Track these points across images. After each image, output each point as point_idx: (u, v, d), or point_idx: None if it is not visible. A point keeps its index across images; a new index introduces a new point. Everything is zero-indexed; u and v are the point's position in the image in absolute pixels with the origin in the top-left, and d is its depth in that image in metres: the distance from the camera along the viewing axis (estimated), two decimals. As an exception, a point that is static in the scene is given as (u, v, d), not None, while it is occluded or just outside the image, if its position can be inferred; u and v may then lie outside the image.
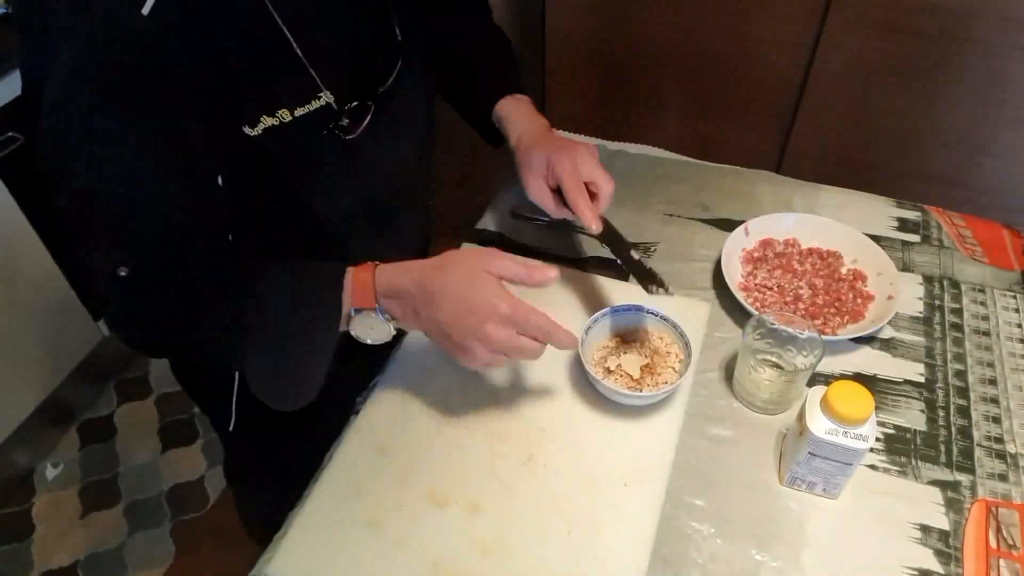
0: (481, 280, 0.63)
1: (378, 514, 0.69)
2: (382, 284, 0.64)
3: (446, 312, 0.62)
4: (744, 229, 0.94)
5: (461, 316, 0.62)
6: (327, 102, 0.66)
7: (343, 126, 0.69)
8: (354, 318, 0.65)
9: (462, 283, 0.63)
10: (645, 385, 0.76)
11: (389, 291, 0.64)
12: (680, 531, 0.68)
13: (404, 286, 0.64)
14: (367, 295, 0.64)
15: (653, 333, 0.80)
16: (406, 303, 0.64)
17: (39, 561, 1.55)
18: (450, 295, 0.62)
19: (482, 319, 0.62)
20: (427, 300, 0.63)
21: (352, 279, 0.65)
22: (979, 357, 0.83)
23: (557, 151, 0.80)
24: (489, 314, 0.62)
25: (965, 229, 0.99)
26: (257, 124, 0.62)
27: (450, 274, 0.64)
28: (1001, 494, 0.70)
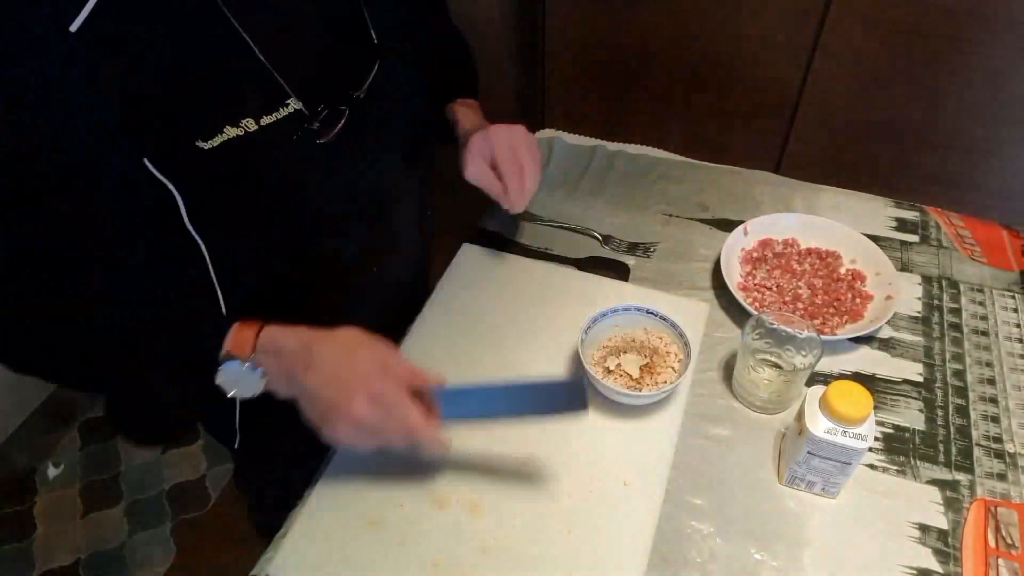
0: (364, 357, 0.62)
1: (378, 514, 0.69)
2: (265, 338, 0.62)
3: (319, 378, 0.61)
4: (743, 229, 0.94)
5: (331, 385, 0.61)
6: (297, 108, 0.64)
7: (314, 130, 0.67)
8: (225, 365, 0.62)
9: (343, 354, 0.62)
10: (644, 385, 0.77)
11: (270, 346, 0.62)
12: (680, 531, 0.68)
13: (288, 345, 0.62)
14: (245, 344, 0.62)
15: (653, 333, 0.81)
16: (283, 362, 0.62)
17: (40, 561, 1.55)
18: (328, 362, 0.61)
19: (351, 393, 0.60)
20: (305, 363, 0.61)
21: (235, 330, 0.63)
22: (978, 357, 0.83)
23: (497, 130, 0.84)
24: (359, 389, 0.60)
25: (964, 229, 1.00)
26: (215, 136, 0.59)
27: (336, 343, 0.63)
28: (1000, 493, 0.71)
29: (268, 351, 0.62)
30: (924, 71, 1.47)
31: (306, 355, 0.62)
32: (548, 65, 1.82)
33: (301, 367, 0.62)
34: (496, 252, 0.96)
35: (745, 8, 1.54)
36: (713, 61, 1.65)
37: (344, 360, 0.62)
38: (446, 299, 0.90)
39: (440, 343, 0.84)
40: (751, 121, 1.71)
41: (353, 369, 0.61)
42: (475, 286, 0.91)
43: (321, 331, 0.64)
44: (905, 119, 1.55)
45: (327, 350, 0.62)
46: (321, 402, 0.61)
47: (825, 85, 1.57)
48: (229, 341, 0.62)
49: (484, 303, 0.89)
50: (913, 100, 1.52)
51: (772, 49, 1.57)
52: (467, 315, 0.87)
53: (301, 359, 0.62)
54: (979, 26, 1.38)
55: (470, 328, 0.86)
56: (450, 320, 0.87)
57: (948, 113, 1.51)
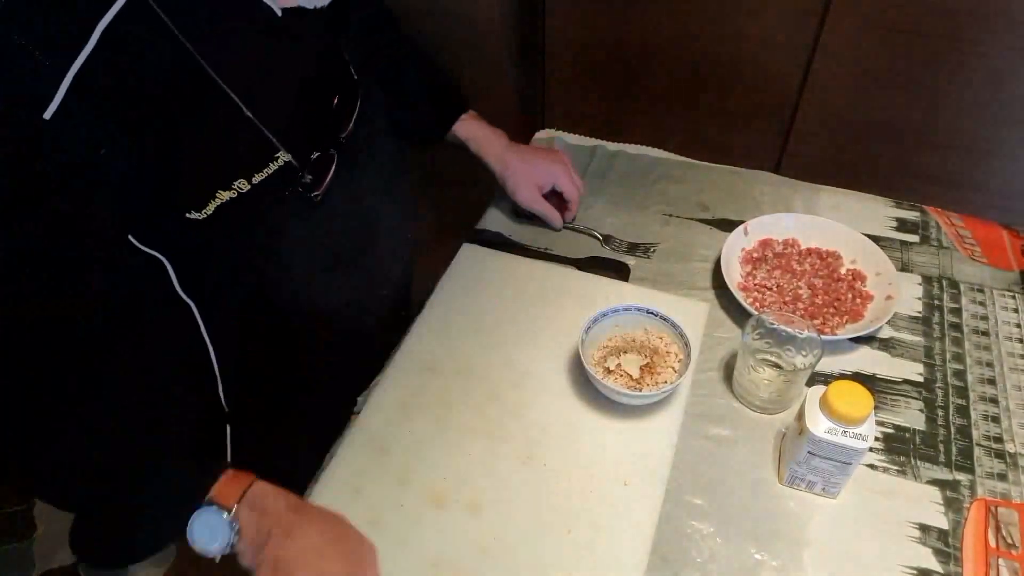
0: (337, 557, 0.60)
1: (378, 514, 0.69)
2: (254, 493, 0.59)
3: (290, 553, 0.58)
4: (743, 229, 0.94)
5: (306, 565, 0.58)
6: (287, 160, 0.62)
7: (307, 183, 0.65)
8: (202, 511, 0.57)
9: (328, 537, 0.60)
10: (645, 385, 0.77)
11: (256, 503, 0.59)
12: (680, 530, 0.68)
13: (274, 506, 0.60)
14: (231, 492, 0.58)
15: (653, 333, 0.81)
16: (264, 522, 0.59)
17: (40, 560, 1.55)
18: (305, 543, 0.58)
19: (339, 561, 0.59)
20: (286, 529, 0.58)
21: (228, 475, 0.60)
22: (978, 357, 0.83)
23: (548, 162, 0.95)
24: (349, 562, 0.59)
25: (964, 229, 1.00)
26: (207, 204, 0.57)
27: (325, 522, 0.61)
28: (1000, 493, 0.71)
29: (254, 507, 0.59)
30: (924, 71, 1.47)
31: (288, 523, 0.59)
32: (548, 65, 1.81)
33: (281, 532, 0.58)
34: (496, 252, 0.96)
35: (745, 8, 1.54)
36: (713, 61, 1.65)
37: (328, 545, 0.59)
38: (446, 299, 0.90)
39: (440, 343, 0.84)
40: (751, 121, 1.71)
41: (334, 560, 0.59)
42: (475, 286, 0.91)
43: (308, 507, 0.62)
44: (905, 119, 1.55)
45: (309, 529, 0.59)
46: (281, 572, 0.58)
47: (825, 85, 1.57)
48: (217, 487, 0.58)
49: (484, 303, 0.89)
50: (913, 100, 1.52)
51: (772, 49, 1.57)
52: (467, 315, 0.87)
53: (283, 524, 0.59)
54: (979, 26, 1.38)
55: (470, 328, 0.86)
56: (450, 320, 0.87)
57: (948, 113, 1.51)
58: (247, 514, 0.59)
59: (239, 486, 0.59)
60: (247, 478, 0.60)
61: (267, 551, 0.58)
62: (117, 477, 0.58)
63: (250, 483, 0.60)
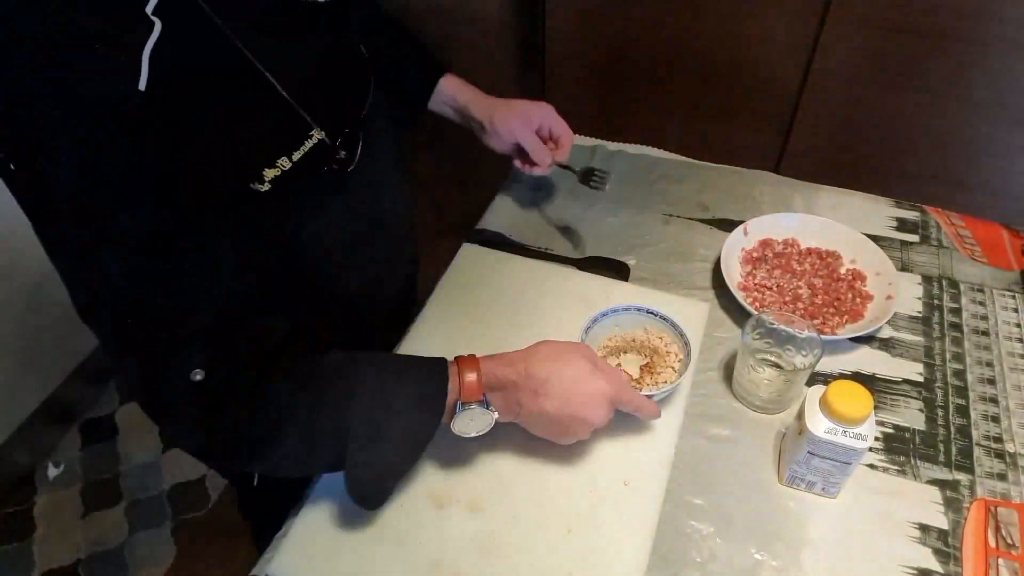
0: (581, 365, 0.66)
1: (378, 514, 0.69)
2: (488, 376, 0.65)
3: (554, 402, 0.65)
4: (743, 229, 0.94)
5: (568, 406, 0.65)
6: (320, 139, 0.64)
7: (341, 159, 0.67)
8: (459, 414, 0.64)
9: (563, 374, 0.65)
10: (644, 384, 0.77)
11: (495, 383, 0.65)
12: (680, 530, 0.68)
13: (510, 378, 0.65)
14: (474, 389, 0.64)
15: (653, 333, 0.81)
16: (510, 394, 0.66)
17: (40, 560, 1.55)
18: (555, 387, 0.65)
19: (589, 408, 0.66)
20: (533, 391, 0.65)
21: (457, 375, 0.64)
22: (978, 357, 0.83)
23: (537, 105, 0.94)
24: (594, 402, 0.66)
25: (964, 229, 1.00)
26: (263, 179, 0.59)
27: (553, 365, 0.66)
28: (1000, 493, 0.71)
29: (495, 389, 0.66)
30: (924, 71, 1.47)
31: (530, 384, 0.65)
32: (548, 65, 1.82)
33: (529, 397, 0.65)
34: (496, 252, 0.96)
35: (745, 8, 1.54)
36: (713, 61, 1.65)
37: (569, 378, 0.65)
38: (446, 299, 0.90)
39: (440, 343, 0.84)
40: (751, 121, 1.71)
41: (581, 386, 0.66)
42: (475, 286, 0.91)
43: (531, 355, 0.67)
44: (905, 119, 1.55)
45: (548, 374, 0.65)
46: (562, 422, 0.66)
47: (825, 85, 1.57)
48: (458, 388, 0.64)
49: (484, 303, 0.89)
50: (913, 100, 1.52)
51: (772, 49, 1.57)
52: (467, 315, 0.87)
53: (527, 389, 0.65)
54: (979, 26, 1.38)
55: (470, 328, 0.86)
56: (450, 320, 0.87)
57: (948, 113, 1.51)
58: (491, 396, 0.65)
59: (473, 375, 0.64)
60: (473, 365, 0.65)
61: (529, 410, 0.65)
62: None
63: (478, 369, 0.65)
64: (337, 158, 0.67)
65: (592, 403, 0.66)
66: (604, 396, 0.66)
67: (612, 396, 0.67)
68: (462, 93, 0.95)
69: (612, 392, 0.67)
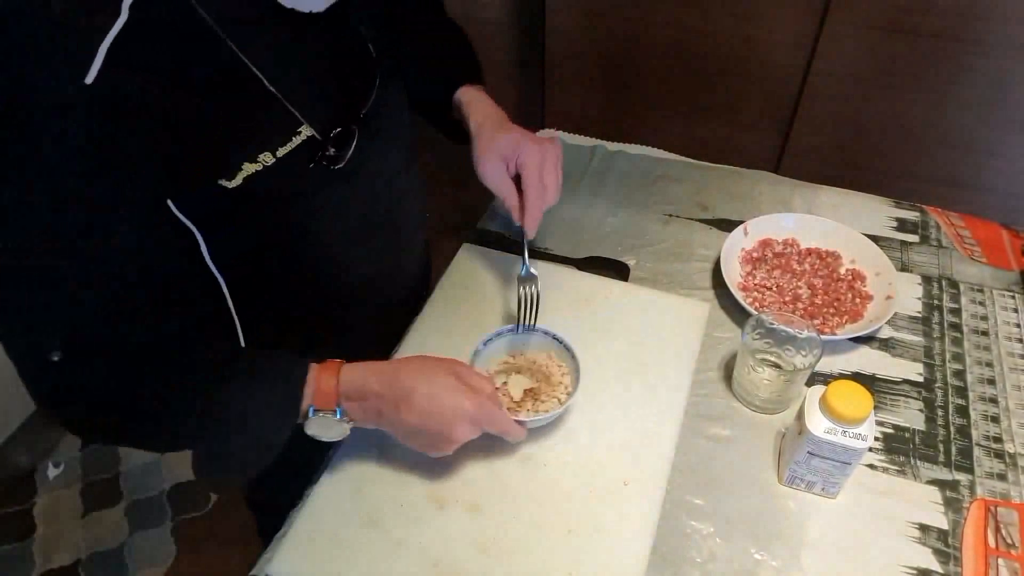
0: (446, 382, 0.65)
1: (378, 514, 0.69)
2: (346, 385, 0.64)
3: (414, 416, 0.64)
4: (743, 229, 0.94)
5: (431, 419, 0.64)
6: (309, 135, 0.64)
7: (330, 156, 0.66)
8: (311, 418, 0.64)
9: (428, 387, 0.64)
10: (524, 409, 0.74)
11: (353, 393, 0.64)
12: (680, 530, 0.68)
13: (372, 388, 0.64)
14: (328, 398, 0.63)
15: (554, 360, 0.79)
16: (370, 405, 0.65)
17: (40, 560, 1.55)
18: (418, 399, 0.64)
19: (451, 424, 0.64)
20: (395, 403, 0.64)
21: (315, 379, 0.64)
22: (978, 357, 0.83)
23: (529, 141, 0.77)
24: (457, 419, 0.64)
25: (964, 229, 1.00)
26: (236, 175, 0.59)
27: (418, 378, 0.65)
28: (1000, 493, 0.71)
29: (352, 398, 0.64)
30: (924, 71, 1.47)
31: (392, 395, 0.64)
32: (548, 65, 1.82)
33: (391, 408, 0.64)
34: (496, 252, 0.96)
35: (745, 9, 1.54)
36: (713, 61, 1.65)
37: (432, 393, 0.64)
38: (446, 299, 0.90)
39: (440, 343, 0.84)
40: (751, 121, 1.71)
41: (443, 402, 0.64)
42: (475, 286, 0.91)
43: (397, 365, 0.67)
44: (905, 119, 1.56)
45: (412, 387, 0.64)
46: (425, 436, 0.65)
47: (825, 85, 1.57)
48: (312, 394, 0.63)
49: (484, 303, 0.89)
50: (913, 100, 1.52)
51: (772, 49, 1.58)
52: (467, 315, 0.87)
53: (388, 400, 0.64)
54: (980, 26, 1.38)
55: (470, 328, 0.86)
56: (450, 320, 0.87)
57: (948, 113, 1.51)
58: (348, 405, 0.64)
59: (331, 383, 0.63)
60: (333, 371, 0.64)
61: (390, 421, 0.65)
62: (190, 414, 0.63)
63: (338, 376, 0.64)
64: (326, 155, 0.66)
65: (454, 420, 0.64)
66: (466, 415, 0.65)
67: (473, 415, 0.65)
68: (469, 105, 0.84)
69: (473, 411, 0.65)
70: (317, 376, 0.64)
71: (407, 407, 0.64)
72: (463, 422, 0.65)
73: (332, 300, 0.78)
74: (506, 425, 0.68)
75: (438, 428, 0.64)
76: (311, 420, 0.64)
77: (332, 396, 0.63)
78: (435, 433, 0.65)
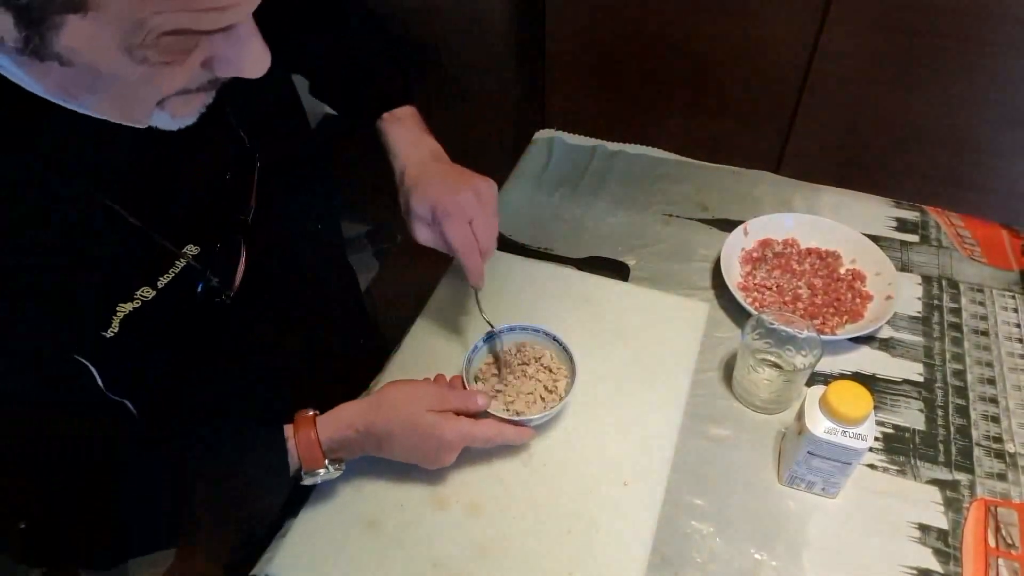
0: (423, 423, 0.65)
1: (378, 514, 0.69)
2: (326, 441, 0.64)
3: (398, 452, 0.67)
4: (743, 229, 0.94)
5: (415, 452, 0.67)
6: (188, 261, 0.57)
7: (214, 287, 0.60)
8: (306, 478, 0.65)
9: (407, 430, 0.65)
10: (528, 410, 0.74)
11: (335, 445, 0.64)
12: (680, 530, 0.68)
13: (349, 438, 0.65)
14: (315, 456, 0.63)
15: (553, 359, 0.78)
16: (355, 448, 0.66)
17: (40, 561, 1.55)
18: (395, 440, 0.65)
19: (432, 451, 0.67)
20: (377, 444, 0.66)
21: (297, 443, 0.63)
22: (978, 357, 0.83)
23: (442, 201, 0.71)
24: (435, 448, 0.66)
25: (964, 229, 1.00)
26: (112, 321, 0.53)
27: (393, 421, 0.65)
28: (1000, 493, 0.71)
29: (336, 449, 0.65)
30: (924, 71, 1.47)
31: (373, 440, 0.65)
32: (548, 65, 1.82)
33: (373, 448, 0.66)
34: (496, 252, 0.95)
35: (745, 8, 1.54)
36: (713, 61, 1.65)
37: (410, 433, 0.65)
38: (446, 299, 0.90)
39: (440, 343, 0.85)
40: (751, 121, 1.71)
41: (423, 439, 0.65)
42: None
43: (370, 407, 0.65)
44: (905, 119, 1.55)
45: (389, 431, 0.65)
46: (416, 460, 0.68)
47: (825, 85, 1.57)
48: (299, 459, 0.63)
49: (484, 303, 0.89)
50: (913, 100, 1.52)
51: (772, 49, 1.58)
52: (467, 315, 0.87)
53: (371, 444, 0.66)
54: (980, 26, 1.38)
55: (470, 328, 0.86)
56: (450, 320, 0.87)
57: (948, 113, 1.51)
58: (336, 455, 0.65)
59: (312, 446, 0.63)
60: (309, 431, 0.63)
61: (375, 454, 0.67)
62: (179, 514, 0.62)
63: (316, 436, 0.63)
64: (209, 286, 0.60)
65: (439, 452, 0.66)
66: (449, 445, 0.66)
67: (455, 442, 0.66)
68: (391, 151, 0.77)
69: (456, 440, 0.66)
70: (297, 440, 0.63)
71: (389, 448, 0.66)
72: (447, 451, 0.67)
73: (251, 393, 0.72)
74: (495, 436, 0.68)
75: (424, 458, 0.67)
76: (307, 478, 0.65)
77: (318, 456, 0.63)
78: (424, 459, 0.68)
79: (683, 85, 1.72)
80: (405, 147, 0.77)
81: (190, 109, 0.50)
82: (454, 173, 0.74)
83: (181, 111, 0.49)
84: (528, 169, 1.11)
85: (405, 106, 0.79)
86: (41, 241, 0.49)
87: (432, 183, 0.73)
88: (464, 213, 0.71)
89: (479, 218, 0.72)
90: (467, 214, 0.71)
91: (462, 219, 0.71)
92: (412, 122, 0.79)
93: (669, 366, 0.81)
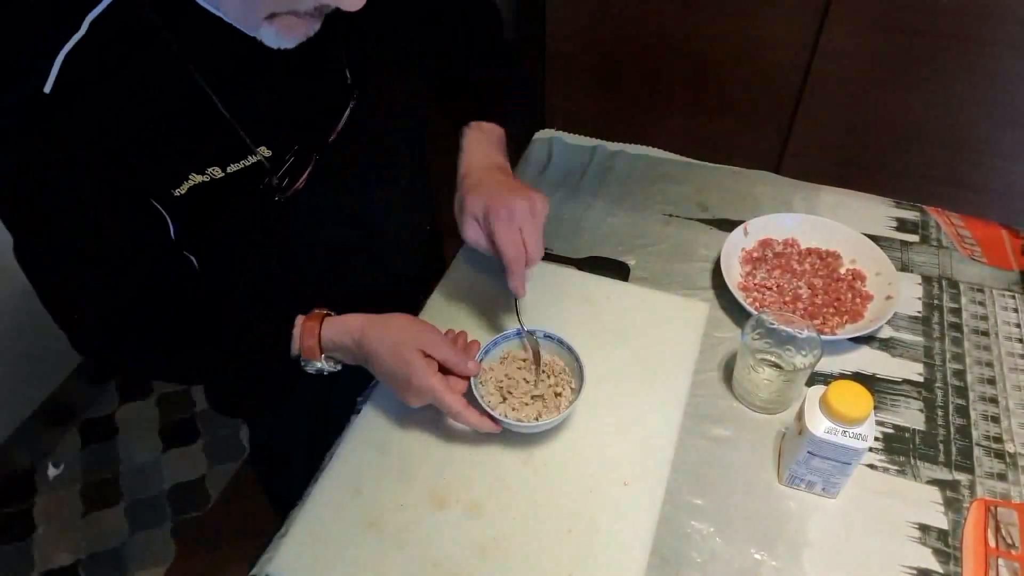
0: (403, 356, 0.68)
1: (378, 514, 0.69)
2: (326, 339, 0.71)
3: (378, 371, 0.72)
4: (743, 229, 0.94)
5: (389, 379, 0.71)
6: (261, 159, 0.65)
7: (275, 186, 0.67)
8: (304, 366, 0.73)
9: (388, 355, 0.69)
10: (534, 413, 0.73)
11: (332, 346, 0.72)
12: (680, 530, 0.68)
13: (345, 343, 0.71)
14: (312, 348, 0.71)
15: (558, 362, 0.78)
16: (348, 355, 0.73)
17: (40, 560, 1.55)
18: (378, 360, 0.70)
19: (403, 388, 0.70)
20: (364, 358, 0.71)
21: (302, 332, 0.71)
22: (978, 357, 0.83)
23: (496, 204, 0.73)
24: (405, 386, 0.69)
25: (964, 229, 1.00)
26: (183, 183, 0.61)
27: (380, 343, 0.70)
28: (1000, 493, 0.71)
29: (332, 350, 0.72)
30: (924, 71, 1.47)
31: (361, 354, 0.71)
32: (548, 65, 1.82)
33: (362, 360, 0.72)
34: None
35: (745, 8, 1.54)
36: (713, 61, 1.65)
37: (388, 361, 0.69)
38: (446, 299, 0.90)
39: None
40: (751, 121, 1.71)
41: (395, 373, 0.69)
42: (475, 286, 0.91)
43: (373, 324, 0.71)
44: (905, 119, 1.56)
45: (376, 351, 0.69)
46: (388, 385, 0.73)
47: (825, 85, 1.57)
48: (300, 348, 0.71)
49: (484, 303, 0.89)
50: (913, 100, 1.52)
51: (772, 49, 1.58)
52: (467, 315, 0.87)
53: (359, 356, 0.71)
54: (980, 26, 1.38)
55: (469, 328, 0.86)
56: (450, 320, 0.87)
57: (948, 113, 1.51)
58: (332, 353, 0.73)
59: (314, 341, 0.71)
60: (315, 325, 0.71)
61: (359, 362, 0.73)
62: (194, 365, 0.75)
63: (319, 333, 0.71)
64: (271, 184, 0.67)
65: (405, 390, 0.70)
66: (416, 391, 0.69)
67: (422, 392, 0.69)
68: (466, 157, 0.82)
69: (422, 389, 0.68)
70: (300, 333, 0.71)
71: (372, 365, 0.71)
72: (413, 394, 0.69)
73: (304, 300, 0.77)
74: (457, 412, 0.69)
75: (396, 389, 0.71)
76: (306, 366, 0.72)
77: (314, 349, 0.71)
78: (396, 390, 0.71)
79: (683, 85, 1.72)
80: (476, 152, 0.81)
81: (295, 33, 0.57)
82: (513, 184, 0.78)
83: (286, 32, 0.57)
84: (528, 169, 1.11)
85: (495, 124, 0.84)
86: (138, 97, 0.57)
87: (490, 187, 0.76)
88: (515, 219, 0.73)
89: (529, 227, 0.74)
90: (518, 221, 0.73)
91: (513, 225, 0.73)
92: (493, 136, 0.84)
93: (669, 366, 0.81)
